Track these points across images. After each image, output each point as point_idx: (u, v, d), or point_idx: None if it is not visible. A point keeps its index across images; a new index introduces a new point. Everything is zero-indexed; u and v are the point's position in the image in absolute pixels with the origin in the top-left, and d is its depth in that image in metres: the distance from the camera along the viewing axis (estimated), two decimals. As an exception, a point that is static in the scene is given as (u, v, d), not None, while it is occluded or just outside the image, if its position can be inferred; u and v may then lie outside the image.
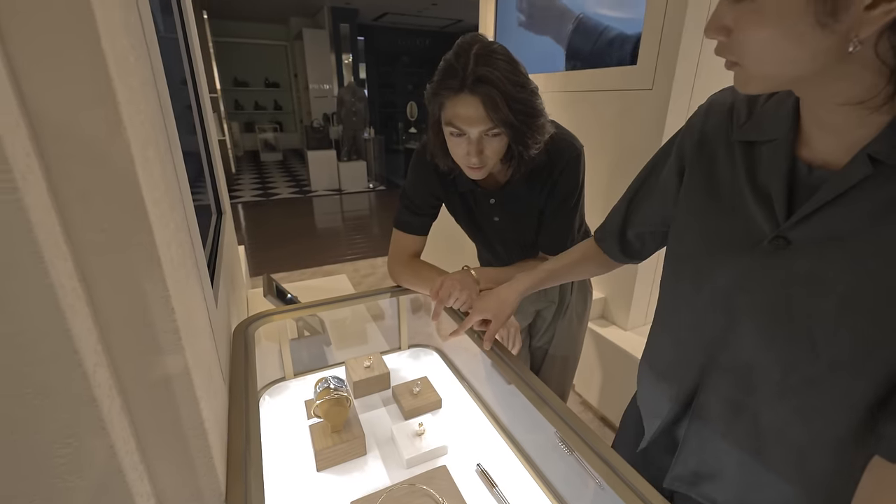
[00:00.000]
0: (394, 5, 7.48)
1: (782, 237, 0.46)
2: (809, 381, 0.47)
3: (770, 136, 0.48)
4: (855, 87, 0.38)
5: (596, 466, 0.61)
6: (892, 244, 0.39)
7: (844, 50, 0.35)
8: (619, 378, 1.83)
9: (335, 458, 0.78)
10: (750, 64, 0.41)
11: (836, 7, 0.33)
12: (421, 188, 1.01)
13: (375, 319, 1.30)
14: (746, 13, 0.38)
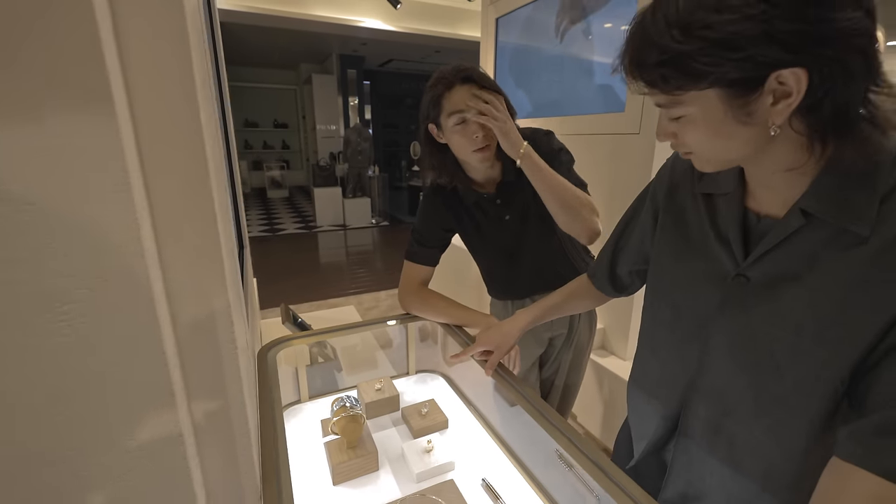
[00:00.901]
0: (399, 53, 7.93)
1: (742, 275, 0.54)
2: (778, 400, 0.52)
3: (724, 190, 0.57)
4: (786, 158, 0.47)
5: (597, 478, 0.65)
6: (825, 280, 0.47)
7: (768, 134, 0.44)
8: (620, 407, 1.86)
9: (350, 473, 0.83)
10: (699, 155, 0.50)
11: (748, 111, 0.42)
12: (430, 223, 1.11)
13: (383, 347, 1.37)
14: (684, 124, 0.47)
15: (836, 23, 0.38)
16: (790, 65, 0.39)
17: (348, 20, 4.89)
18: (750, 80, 0.41)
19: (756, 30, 0.38)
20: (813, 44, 0.38)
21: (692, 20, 0.40)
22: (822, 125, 0.42)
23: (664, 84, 0.44)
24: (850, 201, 0.45)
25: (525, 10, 2.22)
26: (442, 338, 1.20)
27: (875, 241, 0.44)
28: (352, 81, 8.28)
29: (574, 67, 1.97)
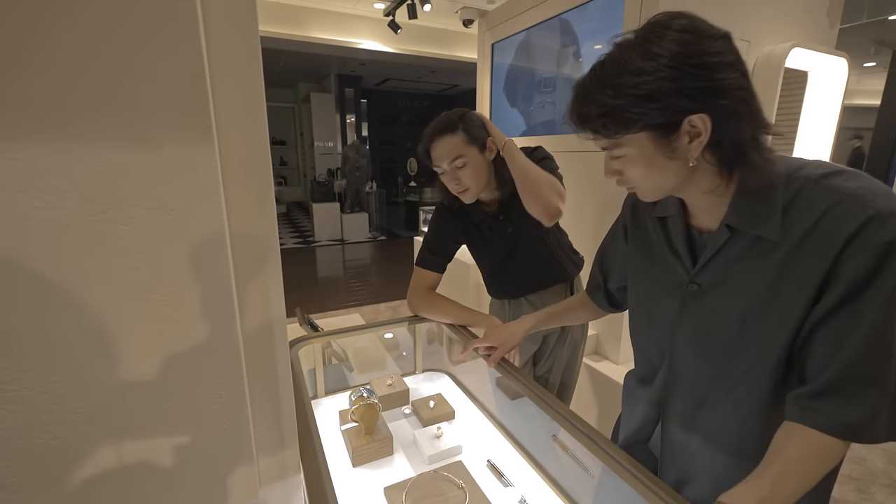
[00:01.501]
0: (395, 73, 8.17)
1: (694, 282, 0.66)
2: (737, 381, 0.63)
3: (671, 213, 0.69)
4: (706, 184, 0.59)
5: (599, 455, 0.74)
6: (753, 279, 0.59)
7: (689, 165, 0.57)
8: (614, 410, 1.95)
9: (368, 456, 0.92)
10: (641, 188, 0.62)
11: (672, 148, 0.55)
12: (442, 235, 1.23)
13: (390, 349, 1.46)
14: (624, 162, 0.59)
15: (723, 81, 0.51)
16: (697, 111, 0.52)
17: (347, 42, 5.08)
18: (670, 124, 0.53)
19: (669, 87, 0.51)
20: (711, 96, 0.51)
21: (621, 82, 0.52)
22: (726, 157, 0.55)
23: (605, 131, 0.57)
24: (759, 215, 0.57)
25: (519, 36, 2.38)
26: (447, 339, 1.30)
27: (784, 245, 0.56)
28: (349, 100, 8.48)
29: (566, 88, 2.12)
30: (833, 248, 0.52)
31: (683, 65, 0.50)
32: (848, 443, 0.53)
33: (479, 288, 2.74)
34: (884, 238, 0.49)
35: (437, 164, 1.10)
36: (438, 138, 1.07)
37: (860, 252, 0.50)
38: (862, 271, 0.51)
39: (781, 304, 0.57)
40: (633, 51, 0.53)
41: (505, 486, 0.86)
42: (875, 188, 0.52)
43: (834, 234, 0.52)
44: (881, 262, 0.50)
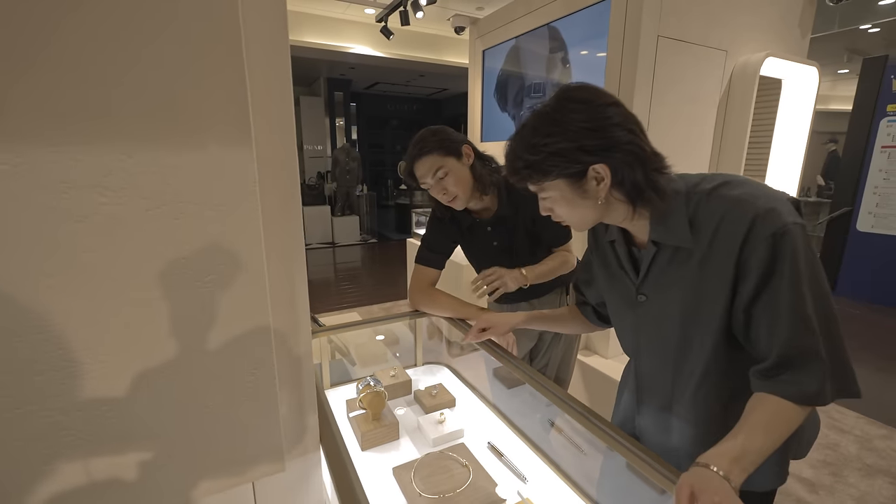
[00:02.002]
0: (384, 76, 8.22)
1: (642, 293, 0.77)
2: (691, 374, 0.74)
3: (616, 238, 0.80)
4: (621, 214, 0.71)
5: (595, 431, 0.80)
6: (682, 284, 0.70)
7: (599, 203, 0.68)
8: (604, 400, 2.03)
9: (375, 440, 0.98)
10: (570, 222, 0.74)
11: (584, 190, 0.67)
12: (439, 234, 1.30)
13: (390, 344, 1.52)
14: (551, 202, 0.71)
15: (614, 139, 0.64)
16: (598, 162, 0.64)
17: (338, 46, 5.13)
18: (578, 172, 0.66)
19: (572, 146, 0.64)
20: (605, 150, 0.64)
21: (535, 142, 0.66)
22: (629, 194, 0.67)
23: (531, 180, 0.70)
24: (672, 229, 0.68)
25: (510, 42, 2.47)
26: (446, 333, 1.36)
27: (697, 252, 0.67)
28: (339, 103, 8.50)
29: (554, 95, 2.20)
30: (734, 248, 0.63)
31: (581, 129, 0.64)
32: (806, 408, 0.61)
33: (471, 287, 2.81)
34: (769, 231, 0.60)
35: (422, 181, 1.18)
36: (418, 160, 1.15)
37: (755, 248, 0.61)
38: (762, 262, 0.61)
39: (708, 302, 0.68)
40: (544, 118, 0.66)
41: (505, 465, 0.93)
42: (755, 192, 0.64)
43: (731, 237, 0.63)
44: (774, 251, 0.60)
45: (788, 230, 0.60)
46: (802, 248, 0.61)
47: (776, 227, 0.60)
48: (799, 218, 0.63)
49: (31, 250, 0.44)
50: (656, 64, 1.72)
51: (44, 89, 0.42)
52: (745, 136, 1.93)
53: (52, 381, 0.48)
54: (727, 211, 0.64)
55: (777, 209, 0.61)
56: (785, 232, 0.60)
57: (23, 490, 0.49)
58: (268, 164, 0.58)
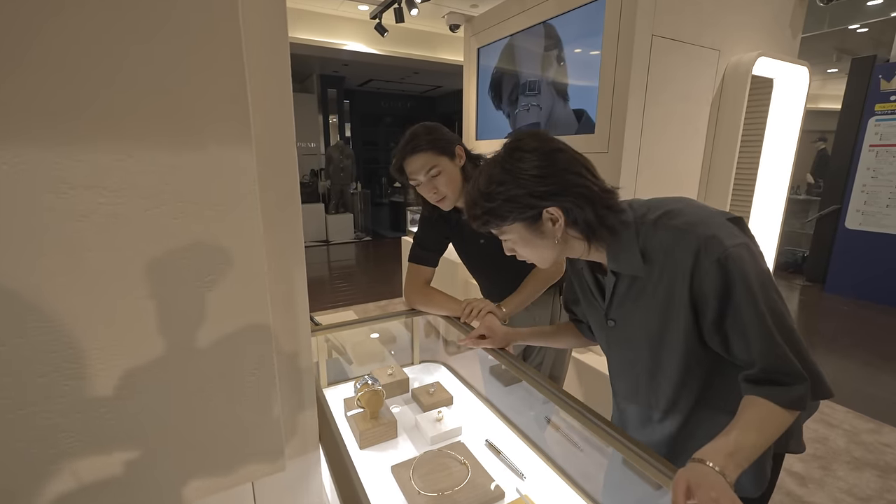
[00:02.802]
0: (378, 73, 8.19)
1: (610, 319, 0.80)
2: (663, 391, 0.78)
3: (581, 265, 0.85)
4: (580, 249, 0.75)
5: (591, 428, 0.81)
6: (642, 310, 0.74)
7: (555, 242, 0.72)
8: (598, 397, 2.05)
9: (374, 439, 0.98)
10: (532, 260, 0.78)
11: (541, 231, 0.71)
12: (430, 231, 1.29)
13: (386, 343, 1.52)
14: (512, 243, 0.76)
15: (562, 182, 0.68)
16: (550, 206, 0.68)
17: (331, 43, 5.09)
18: (533, 216, 0.70)
19: (523, 192, 0.68)
20: (555, 195, 0.68)
21: (489, 191, 0.70)
22: (583, 231, 0.71)
23: (490, 225, 0.74)
24: (625, 260, 0.72)
25: (504, 40, 2.47)
26: (443, 331, 1.36)
27: (652, 280, 0.71)
28: (332, 100, 8.45)
29: (551, 92, 2.21)
30: (685, 276, 0.67)
31: (529, 177, 0.68)
32: (794, 412, 0.64)
33: (467, 285, 2.82)
34: (713, 257, 0.64)
35: (413, 178, 1.16)
36: (410, 156, 1.14)
37: (706, 274, 0.65)
38: (716, 287, 0.64)
39: (670, 325, 0.72)
40: (497, 167, 0.71)
41: (503, 462, 0.93)
42: (692, 219, 0.68)
43: (681, 267, 0.67)
44: (723, 275, 0.64)
45: (730, 254, 0.63)
46: (750, 267, 0.64)
47: (719, 254, 0.63)
48: (741, 237, 0.66)
49: (31, 250, 0.44)
50: (650, 63, 1.73)
51: (41, 88, 0.42)
52: (738, 135, 1.95)
53: (54, 382, 0.48)
54: (672, 241, 0.68)
55: (716, 235, 0.65)
56: (727, 256, 0.63)
57: (29, 491, 0.49)
58: (267, 163, 0.58)
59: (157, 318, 0.51)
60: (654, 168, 1.86)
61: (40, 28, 0.41)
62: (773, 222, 2.32)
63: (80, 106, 0.44)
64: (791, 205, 2.29)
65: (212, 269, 0.53)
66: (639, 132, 1.80)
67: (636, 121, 1.78)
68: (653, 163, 1.85)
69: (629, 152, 1.79)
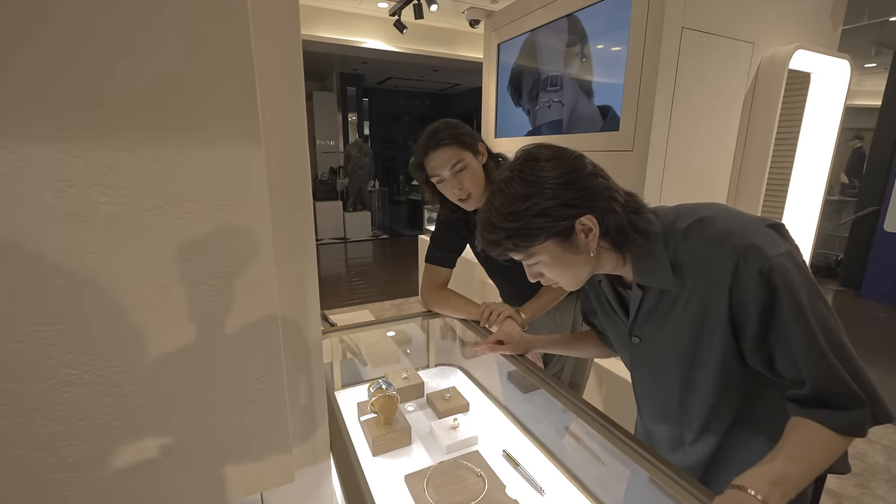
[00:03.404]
0: (397, 71, 8.18)
1: (635, 335, 0.75)
2: (697, 411, 0.72)
3: (600, 278, 0.79)
4: (611, 263, 0.69)
5: (618, 445, 0.77)
6: (672, 326, 0.68)
7: (591, 255, 0.66)
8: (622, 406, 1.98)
9: (387, 445, 0.95)
10: (562, 282, 0.71)
11: (574, 245, 0.65)
12: (447, 231, 1.26)
13: (401, 344, 1.49)
14: (541, 266, 0.69)
15: (591, 187, 0.63)
16: (582, 214, 0.63)
17: (351, 41, 5.09)
18: (566, 229, 0.64)
19: (553, 203, 0.62)
20: (587, 200, 0.63)
21: (514, 209, 0.63)
22: (615, 240, 0.66)
23: (517, 249, 0.66)
24: (654, 272, 0.67)
25: (526, 35, 2.41)
26: (460, 333, 1.33)
27: (683, 295, 0.66)
28: (351, 98, 8.48)
29: (573, 87, 2.14)
30: (722, 290, 0.61)
31: (556, 185, 0.62)
32: (848, 438, 0.58)
33: (484, 286, 2.77)
34: (754, 269, 0.58)
35: (435, 174, 1.11)
36: (434, 150, 1.09)
37: (747, 289, 0.59)
38: (759, 301, 0.59)
39: (704, 342, 0.66)
40: (514, 183, 0.64)
41: (521, 475, 0.89)
42: (729, 227, 0.62)
43: (716, 280, 0.61)
44: (766, 288, 0.58)
45: (773, 265, 0.58)
46: (796, 278, 0.58)
47: (761, 265, 0.58)
48: (784, 245, 0.60)
49: (29, 252, 0.42)
50: (680, 56, 1.65)
51: (39, 80, 0.40)
52: (772, 133, 1.85)
53: (54, 388, 0.46)
54: (706, 252, 0.63)
55: (756, 244, 0.59)
56: (770, 268, 0.58)
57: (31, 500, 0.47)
58: (277, 161, 0.55)
59: (160, 323, 0.49)
60: (681, 167, 1.78)
61: (38, 16, 0.39)
62: (808, 225, 2.21)
63: (80, 99, 0.41)
64: (824, 206, 2.16)
65: (218, 272, 0.50)
66: (666, 129, 1.73)
67: (663, 117, 1.70)
68: (680, 161, 1.77)
69: (655, 150, 1.72)
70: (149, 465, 0.52)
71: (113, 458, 0.50)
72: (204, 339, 0.51)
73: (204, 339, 0.51)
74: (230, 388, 0.54)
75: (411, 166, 1.16)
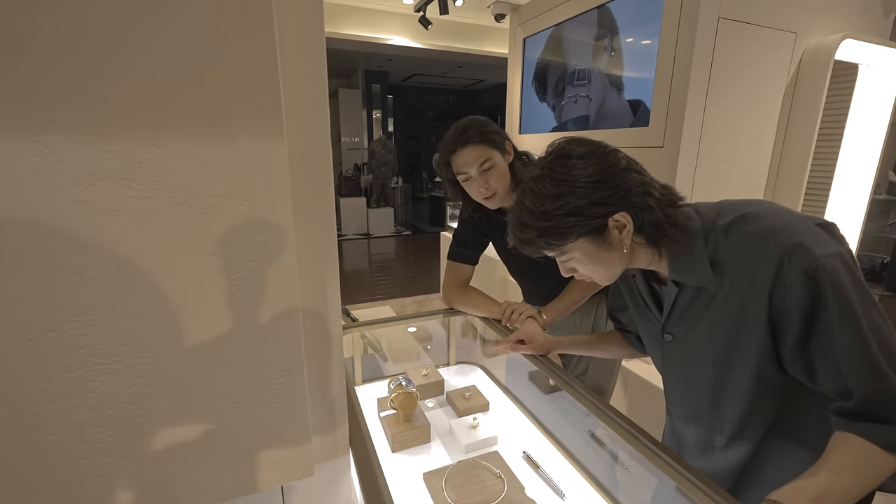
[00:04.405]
0: (422, 68, 8.18)
1: (668, 333, 0.72)
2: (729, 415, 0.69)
3: (633, 273, 0.76)
4: (646, 259, 0.68)
5: (644, 452, 0.74)
6: (708, 324, 0.65)
7: (625, 252, 0.65)
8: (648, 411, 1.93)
9: (406, 442, 0.95)
10: (595, 278, 0.70)
11: (608, 242, 0.63)
12: (470, 228, 1.24)
13: (422, 341, 1.49)
14: (575, 262, 0.68)
15: (624, 184, 0.61)
16: (616, 212, 0.61)
17: (376, 38, 5.12)
18: (598, 227, 0.62)
19: (585, 202, 0.61)
20: (620, 198, 0.61)
21: (545, 208, 0.62)
22: (651, 236, 0.64)
23: (549, 247, 0.66)
24: (691, 269, 0.64)
25: (552, 29, 2.36)
26: (481, 331, 1.31)
27: (721, 292, 0.63)
28: (376, 95, 8.55)
29: (600, 81, 2.09)
30: (763, 290, 0.58)
31: (588, 183, 0.60)
32: None
33: (505, 283, 2.74)
34: (799, 269, 0.55)
35: (462, 172, 1.09)
36: (462, 147, 1.07)
37: (789, 291, 0.56)
38: (802, 304, 0.55)
39: (741, 343, 0.63)
40: (545, 181, 0.62)
41: (541, 477, 0.87)
42: (773, 225, 0.59)
43: (758, 279, 0.58)
44: (812, 290, 0.54)
45: (821, 265, 0.54)
46: (846, 281, 0.54)
47: (807, 265, 0.55)
48: (833, 245, 0.55)
49: (64, 245, 0.43)
50: (715, 48, 1.58)
51: (71, 75, 0.41)
52: (815, 129, 1.75)
53: (85, 377, 0.47)
54: (748, 249, 0.60)
55: (803, 243, 0.56)
56: (818, 268, 0.54)
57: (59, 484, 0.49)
58: (301, 157, 0.55)
59: (185, 316, 0.49)
60: (715, 163, 1.71)
61: (69, 10, 0.40)
62: (853, 226, 2.09)
63: (110, 96, 0.42)
64: (870, 205, 2.04)
65: (241, 267, 0.51)
66: (699, 124, 1.66)
67: (696, 111, 1.64)
68: (714, 158, 1.70)
69: (687, 146, 1.65)
70: (172, 455, 0.53)
71: (139, 447, 0.51)
72: (227, 332, 0.52)
73: (227, 333, 0.52)
74: (252, 382, 0.55)
75: (436, 162, 1.15)
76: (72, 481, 0.49)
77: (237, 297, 0.51)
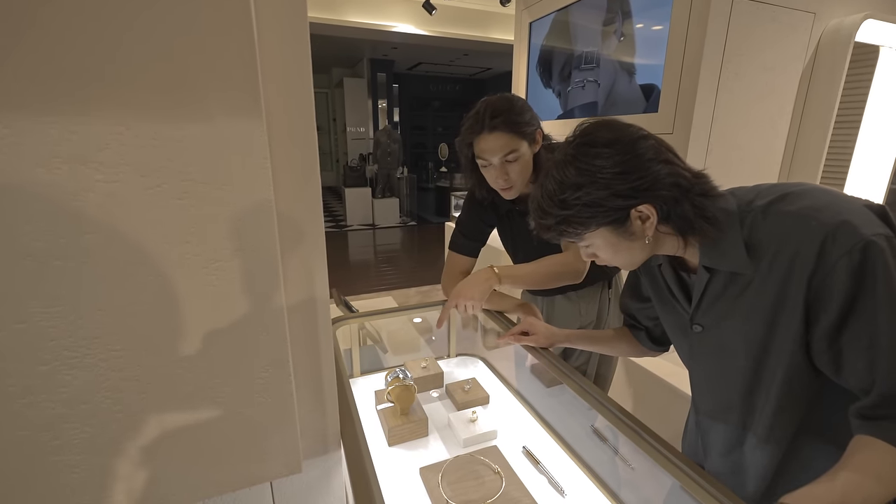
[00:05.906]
0: (427, 56, 8.07)
1: (697, 324, 0.68)
2: (763, 407, 0.65)
3: (661, 261, 0.73)
4: (672, 247, 0.65)
5: (649, 452, 0.71)
6: (741, 312, 0.62)
7: (647, 241, 0.62)
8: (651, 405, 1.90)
9: (403, 436, 0.93)
10: (616, 264, 0.68)
11: (629, 232, 0.61)
12: (474, 217, 1.21)
13: (423, 332, 1.47)
14: (595, 248, 0.65)
15: (651, 176, 0.57)
16: (639, 203, 0.58)
17: (381, 25, 5.04)
18: (619, 218, 0.60)
19: (605, 194, 0.58)
20: (644, 191, 0.58)
21: (564, 197, 0.60)
22: (678, 226, 0.61)
23: (568, 235, 0.64)
24: (726, 254, 0.60)
25: (558, 14, 2.29)
26: (482, 324, 1.29)
27: (757, 277, 0.59)
28: (381, 85, 8.47)
29: (610, 67, 2.02)
30: (803, 272, 0.54)
31: (611, 175, 0.57)
32: None
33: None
34: (844, 248, 0.50)
35: (483, 158, 1.03)
36: (490, 132, 1.00)
37: (832, 271, 0.51)
38: (844, 287, 0.51)
39: (778, 332, 0.59)
40: (568, 169, 0.60)
41: (541, 472, 0.85)
42: (816, 203, 0.55)
43: (799, 261, 0.54)
44: (857, 271, 0.50)
45: (870, 244, 0.49)
46: (894, 265, 0.49)
47: (853, 243, 0.50)
48: (883, 227, 0.51)
49: (26, 231, 0.41)
50: (729, 29, 1.51)
51: (30, 51, 0.38)
52: (832, 113, 1.68)
53: (57, 371, 0.45)
54: (788, 229, 0.56)
55: (849, 221, 0.51)
56: (866, 247, 0.50)
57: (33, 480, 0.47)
58: (284, 139, 0.52)
59: (160, 308, 0.47)
60: (727, 150, 1.65)
61: (24, -20, 0.37)
62: (869, 215, 2.01)
63: (72, 71, 0.39)
64: (890, 196, 1.97)
65: (219, 255, 0.48)
66: (711, 109, 1.60)
67: (708, 96, 1.58)
68: (726, 144, 1.64)
69: (698, 132, 1.60)
70: (153, 451, 0.51)
71: (117, 442, 0.49)
72: (204, 324, 0.49)
73: (204, 325, 0.49)
74: (233, 376, 0.52)
75: (458, 141, 1.07)
76: (48, 477, 0.47)
77: (215, 287, 0.49)
